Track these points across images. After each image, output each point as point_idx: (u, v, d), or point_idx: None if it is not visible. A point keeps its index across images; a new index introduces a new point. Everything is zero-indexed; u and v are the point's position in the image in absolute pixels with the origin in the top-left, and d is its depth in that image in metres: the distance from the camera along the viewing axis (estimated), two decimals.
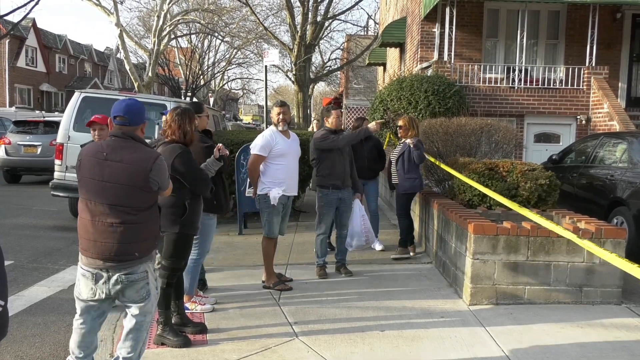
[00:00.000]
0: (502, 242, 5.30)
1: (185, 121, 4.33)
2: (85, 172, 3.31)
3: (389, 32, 16.63)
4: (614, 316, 5.06)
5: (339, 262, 6.48)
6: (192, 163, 4.32)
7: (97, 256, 3.26)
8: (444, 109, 10.52)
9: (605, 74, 12.14)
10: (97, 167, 3.29)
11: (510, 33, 13.25)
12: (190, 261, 4.94)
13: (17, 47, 36.43)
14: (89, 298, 3.33)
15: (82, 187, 3.33)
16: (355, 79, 33.14)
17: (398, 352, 4.27)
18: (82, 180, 3.32)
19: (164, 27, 25.50)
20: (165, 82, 40.46)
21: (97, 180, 3.27)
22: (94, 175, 3.28)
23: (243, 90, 59.73)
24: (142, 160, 3.32)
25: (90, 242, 3.27)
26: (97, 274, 3.28)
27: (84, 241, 3.31)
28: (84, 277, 3.32)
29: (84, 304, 3.37)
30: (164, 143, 4.36)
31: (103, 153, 3.31)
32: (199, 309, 5.07)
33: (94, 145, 3.46)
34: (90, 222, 3.27)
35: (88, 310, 3.39)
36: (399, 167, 7.17)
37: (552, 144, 12.25)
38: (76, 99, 9.46)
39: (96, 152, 3.34)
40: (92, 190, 3.28)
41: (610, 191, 7.51)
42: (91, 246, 3.27)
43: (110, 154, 3.30)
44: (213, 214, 5.05)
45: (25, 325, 5.00)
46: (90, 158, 3.33)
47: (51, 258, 7.38)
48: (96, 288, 3.29)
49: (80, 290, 3.35)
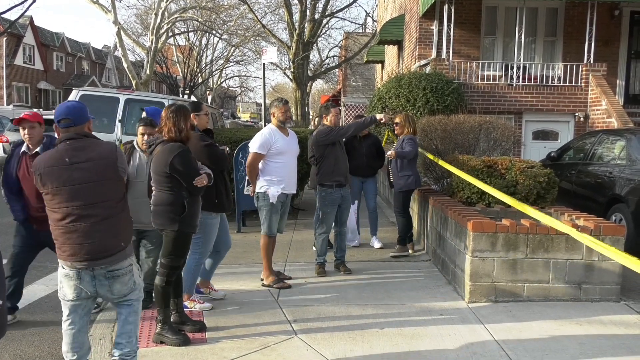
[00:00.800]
0: (501, 240, 5.30)
1: (180, 118, 4.30)
2: (54, 182, 3.23)
3: (387, 29, 16.62)
4: (613, 313, 5.07)
5: (338, 260, 6.49)
6: (191, 162, 4.31)
7: (85, 257, 3.25)
8: (443, 106, 10.53)
9: (604, 71, 12.15)
10: (65, 173, 3.23)
11: (509, 30, 13.25)
12: (192, 260, 4.94)
13: (14, 44, 36.36)
14: (75, 298, 3.33)
15: (54, 197, 3.25)
16: (353, 77, 33.14)
17: (397, 350, 4.27)
18: (53, 191, 3.24)
19: (162, 24, 25.45)
20: (163, 80, 40.35)
21: (69, 186, 3.23)
22: (64, 182, 3.23)
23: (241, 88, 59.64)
24: (107, 152, 3.36)
25: (76, 246, 3.24)
26: (82, 273, 3.28)
27: (67, 247, 3.25)
28: (67, 278, 3.30)
29: (71, 304, 3.36)
30: (162, 142, 4.34)
31: (65, 159, 3.26)
32: (197, 307, 5.07)
33: (49, 155, 3.33)
34: (72, 226, 3.24)
35: (75, 310, 3.38)
36: (393, 165, 7.17)
37: (551, 141, 12.27)
38: (74, 97, 9.46)
39: (57, 160, 3.27)
40: (66, 196, 3.23)
41: (609, 188, 7.51)
42: (77, 250, 3.24)
43: (74, 157, 3.26)
44: (215, 213, 5.04)
45: (24, 323, 4.99)
46: (53, 168, 3.25)
47: (49, 257, 7.32)
48: (81, 287, 3.30)
49: (65, 292, 3.33)
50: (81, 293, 3.31)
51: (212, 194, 4.86)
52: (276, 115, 5.86)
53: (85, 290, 3.31)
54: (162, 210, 4.30)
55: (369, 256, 7.12)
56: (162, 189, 4.29)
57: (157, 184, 4.31)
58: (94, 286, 3.31)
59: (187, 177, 4.24)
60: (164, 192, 4.29)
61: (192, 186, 4.28)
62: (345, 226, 6.45)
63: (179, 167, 4.20)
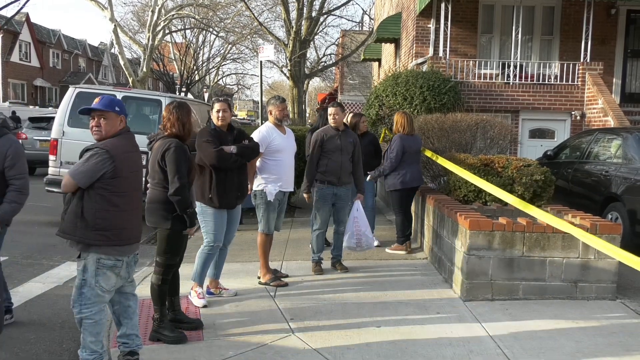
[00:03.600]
0: (498, 238, 5.31)
1: (183, 114, 4.34)
2: (132, 167, 3.58)
3: (384, 27, 16.60)
4: (608, 311, 5.09)
5: (335, 258, 6.49)
6: (177, 160, 4.21)
7: (135, 240, 3.63)
8: (439, 104, 10.53)
9: (600, 70, 12.16)
10: (138, 159, 3.66)
11: (505, 29, 13.25)
12: (203, 247, 5.18)
13: (10, 41, 36.21)
14: (114, 287, 3.59)
15: (125, 181, 3.53)
16: (350, 75, 33.09)
17: (394, 348, 4.28)
18: (126, 175, 3.52)
19: (159, 22, 25.36)
20: (160, 78, 40.30)
21: (138, 171, 3.66)
22: (138, 168, 3.63)
23: (238, 85, 59.49)
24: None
25: (133, 229, 3.60)
26: (125, 260, 3.59)
27: (125, 232, 3.54)
28: (111, 270, 3.52)
29: (108, 295, 3.58)
30: (163, 137, 4.35)
31: (136, 146, 3.69)
32: (194, 301, 5.16)
33: (122, 142, 3.59)
34: (130, 212, 3.58)
35: (106, 300, 3.60)
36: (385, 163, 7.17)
37: (547, 140, 12.28)
38: (71, 95, 9.40)
39: (133, 147, 3.64)
40: (134, 182, 3.60)
41: (605, 187, 7.53)
42: (132, 234, 3.58)
43: (137, 146, 3.71)
44: (222, 209, 5.14)
45: (20, 321, 4.97)
46: (129, 154, 3.58)
47: (46, 254, 7.36)
48: (120, 275, 3.59)
49: (105, 283, 3.53)
50: (117, 282, 3.60)
51: (206, 189, 5.05)
52: (273, 113, 5.86)
53: (122, 277, 3.61)
54: (155, 207, 4.31)
55: (365, 254, 7.12)
56: (155, 185, 4.30)
57: (152, 179, 4.33)
58: (128, 272, 3.66)
59: (172, 174, 4.20)
60: (157, 189, 4.29)
61: (170, 183, 4.21)
62: (342, 225, 6.42)
63: (164, 161, 4.20)
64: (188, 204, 4.25)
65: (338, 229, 6.46)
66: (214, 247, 5.18)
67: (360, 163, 6.49)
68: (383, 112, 10.68)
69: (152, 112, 9.72)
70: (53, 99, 40.99)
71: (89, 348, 3.49)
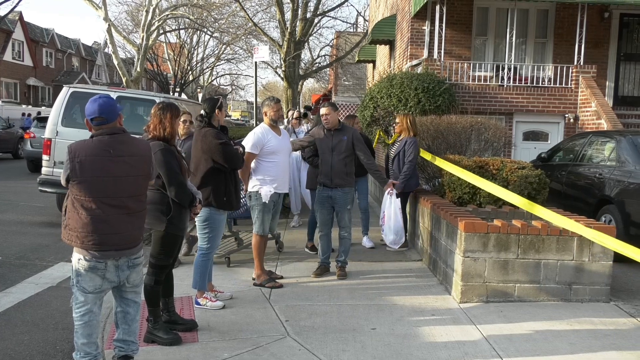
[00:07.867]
0: (493, 240, 5.32)
1: (166, 116, 4.25)
2: (95, 171, 3.33)
3: (378, 29, 16.61)
4: (602, 314, 5.11)
5: (338, 263, 6.30)
6: (166, 163, 4.19)
7: (114, 247, 3.41)
8: (434, 106, 10.54)
9: (593, 73, 12.22)
10: (108, 164, 3.36)
11: (500, 31, 13.30)
12: (199, 255, 5.08)
13: (3, 40, 36.04)
14: (97, 289, 3.45)
15: (89, 185, 3.33)
16: (345, 76, 33.10)
17: (389, 350, 4.28)
18: (89, 179, 3.32)
19: (153, 22, 25.30)
20: (154, 78, 40.18)
21: (111, 177, 3.37)
22: (106, 173, 3.35)
23: (232, 86, 59.35)
24: (147, 149, 3.61)
25: (109, 235, 3.38)
26: (108, 263, 3.42)
27: (98, 236, 3.36)
28: (91, 271, 3.39)
29: (93, 295, 3.45)
30: (148, 140, 4.29)
31: (109, 150, 3.38)
32: (209, 305, 5.09)
33: (91, 145, 3.39)
34: (104, 215, 3.36)
35: (95, 301, 3.48)
36: (395, 166, 7.17)
37: (541, 142, 12.32)
38: (64, 94, 9.36)
39: (101, 150, 3.37)
40: (103, 187, 3.36)
41: (599, 189, 7.57)
42: (108, 239, 3.38)
43: (117, 150, 3.40)
44: (223, 210, 5.09)
45: (13, 322, 4.94)
46: (96, 157, 3.35)
47: (39, 254, 7.31)
48: (106, 277, 3.45)
49: (87, 284, 3.41)
50: (104, 283, 3.46)
51: (221, 192, 4.96)
52: (268, 114, 5.84)
53: (108, 279, 3.46)
54: (149, 209, 4.26)
55: (360, 256, 7.12)
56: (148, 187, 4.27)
57: None
58: (117, 275, 3.48)
59: (167, 177, 4.20)
60: (150, 190, 4.26)
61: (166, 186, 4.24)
62: (343, 230, 6.23)
63: (156, 164, 4.15)
64: (192, 198, 4.32)
65: (339, 233, 6.29)
66: (211, 253, 5.16)
67: (368, 156, 6.33)
68: (378, 114, 10.67)
69: (146, 112, 9.68)
70: (46, 98, 40.81)
71: (82, 350, 3.46)
